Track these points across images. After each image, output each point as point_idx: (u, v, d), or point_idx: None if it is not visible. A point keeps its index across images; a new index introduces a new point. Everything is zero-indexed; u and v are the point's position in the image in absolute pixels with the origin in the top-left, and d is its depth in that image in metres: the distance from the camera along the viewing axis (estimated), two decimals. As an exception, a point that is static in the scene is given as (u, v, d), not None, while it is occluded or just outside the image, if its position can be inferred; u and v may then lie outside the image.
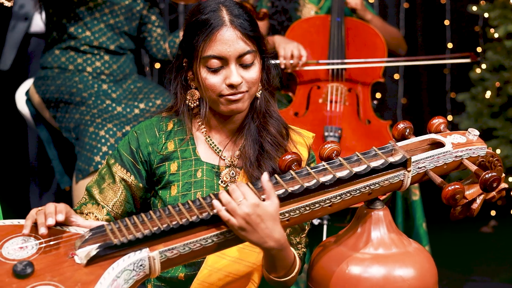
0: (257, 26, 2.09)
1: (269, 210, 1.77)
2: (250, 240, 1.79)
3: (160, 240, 1.75)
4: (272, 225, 1.78)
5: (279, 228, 1.80)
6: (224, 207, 1.77)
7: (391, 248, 1.97)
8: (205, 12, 2.04)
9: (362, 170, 1.88)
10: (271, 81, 2.17)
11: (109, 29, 3.59)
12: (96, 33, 3.56)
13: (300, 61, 3.51)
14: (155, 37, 3.70)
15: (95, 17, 3.56)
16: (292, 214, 1.84)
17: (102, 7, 3.56)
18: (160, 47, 3.69)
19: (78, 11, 3.54)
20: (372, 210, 2.00)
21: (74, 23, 3.54)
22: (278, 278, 1.96)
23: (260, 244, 1.81)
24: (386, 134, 3.42)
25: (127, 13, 3.61)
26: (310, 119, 3.47)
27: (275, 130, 2.13)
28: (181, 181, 2.11)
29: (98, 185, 2.14)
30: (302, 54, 3.51)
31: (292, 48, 3.51)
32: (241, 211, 1.75)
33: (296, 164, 1.93)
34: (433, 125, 2.06)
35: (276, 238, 1.80)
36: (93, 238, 1.74)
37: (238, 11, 2.05)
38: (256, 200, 1.77)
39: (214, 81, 2.03)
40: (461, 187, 1.85)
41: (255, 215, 1.76)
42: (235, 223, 1.76)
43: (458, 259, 4.19)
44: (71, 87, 3.47)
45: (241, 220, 1.76)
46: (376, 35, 3.72)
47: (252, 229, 1.77)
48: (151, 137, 2.14)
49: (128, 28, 3.63)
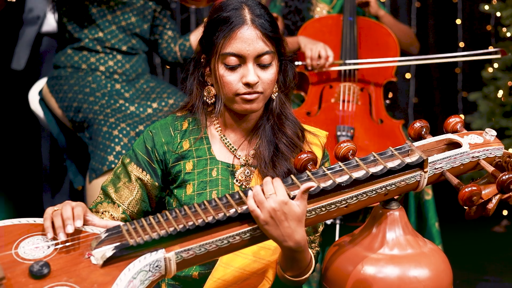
0: (278, 28, 2.10)
1: (296, 211, 1.77)
2: (271, 235, 1.80)
3: (176, 241, 1.74)
4: (295, 225, 1.78)
5: (301, 230, 1.80)
6: (253, 197, 1.78)
7: (406, 249, 1.96)
8: (227, 9, 2.06)
9: (379, 171, 1.87)
10: (288, 83, 2.17)
11: (120, 30, 3.59)
12: (108, 34, 3.56)
13: (327, 62, 3.52)
14: (166, 39, 3.69)
15: (107, 19, 3.56)
16: (308, 215, 1.83)
17: (114, 9, 3.57)
18: (171, 49, 3.69)
19: (91, 13, 3.54)
20: (388, 211, 1.99)
21: (86, 25, 3.55)
22: (292, 277, 1.96)
23: (280, 242, 1.81)
24: (399, 134, 3.42)
25: (138, 15, 3.62)
26: (322, 118, 3.47)
27: (291, 132, 2.14)
28: (196, 180, 2.12)
29: (114, 184, 2.15)
30: (329, 54, 3.52)
31: (320, 49, 3.52)
32: (268, 205, 1.76)
33: (312, 163, 1.92)
34: (449, 124, 2.05)
35: (296, 240, 1.80)
36: (109, 239, 1.74)
37: (260, 11, 2.07)
38: (286, 197, 1.77)
39: (231, 78, 2.04)
40: (478, 189, 1.84)
41: (281, 212, 1.76)
42: (259, 215, 1.77)
43: (470, 258, 4.18)
44: (84, 87, 3.47)
45: (266, 214, 1.76)
46: (388, 34, 3.71)
47: (275, 225, 1.77)
48: (167, 136, 2.15)
49: (140, 30, 3.63)
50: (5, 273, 1.65)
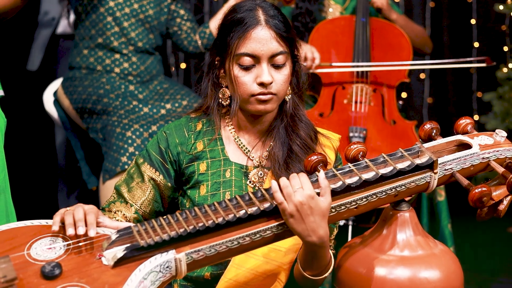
0: (292, 28, 2.11)
1: (321, 205, 1.79)
2: (295, 230, 1.81)
3: (187, 242, 1.76)
4: (319, 220, 1.80)
5: (325, 225, 1.82)
6: (280, 190, 1.80)
7: (416, 250, 1.96)
8: (241, 11, 2.08)
9: (388, 172, 1.88)
10: (301, 85, 2.18)
11: (139, 24, 3.61)
12: (125, 29, 3.59)
13: (314, 63, 3.52)
14: (185, 30, 3.72)
15: (125, 12, 3.59)
16: (317, 216, 1.84)
17: (131, 2, 3.60)
18: (191, 39, 3.71)
19: (108, 7, 3.56)
20: (398, 212, 1.99)
21: (102, 19, 3.57)
22: (311, 276, 1.97)
23: (303, 237, 1.82)
24: (412, 135, 3.41)
25: (156, 7, 3.65)
26: (335, 119, 3.47)
27: (305, 134, 2.15)
28: (210, 181, 2.13)
29: (127, 184, 2.17)
30: (315, 56, 3.53)
31: (306, 51, 3.53)
32: (295, 198, 1.78)
33: (322, 165, 1.92)
34: (460, 126, 2.05)
35: (320, 235, 1.82)
36: (120, 240, 1.76)
37: (273, 12, 2.08)
38: (313, 192, 1.79)
39: (246, 79, 2.05)
40: (488, 190, 1.84)
41: (307, 205, 1.78)
42: (286, 208, 1.78)
43: (484, 260, 4.16)
44: (98, 88, 3.50)
45: (293, 207, 1.78)
46: (401, 35, 3.71)
47: (300, 219, 1.79)
48: (180, 137, 2.16)
49: (158, 22, 3.66)
50: (17, 274, 1.67)
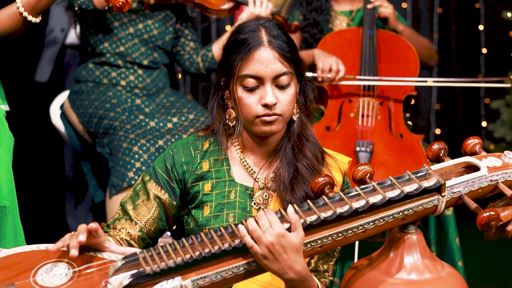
0: (296, 49, 2.10)
1: (293, 242, 1.76)
2: (271, 269, 1.79)
3: (193, 268, 1.75)
4: (294, 256, 1.78)
5: (300, 260, 1.79)
6: (249, 233, 1.77)
7: (424, 274, 1.95)
8: (244, 32, 2.06)
9: (396, 196, 1.86)
10: (308, 104, 2.16)
11: (143, 43, 3.61)
12: (129, 48, 3.58)
13: (338, 76, 3.51)
14: (188, 51, 3.71)
15: (129, 32, 3.58)
16: (325, 240, 1.83)
17: (135, 21, 3.59)
18: (193, 60, 3.70)
19: (112, 27, 3.56)
20: (405, 234, 1.98)
21: (108, 38, 3.57)
22: None
23: (281, 275, 1.80)
24: (419, 148, 3.40)
25: (160, 27, 3.63)
26: (341, 133, 3.47)
27: (311, 154, 2.13)
28: (214, 202, 2.12)
29: (133, 201, 2.16)
30: (340, 68, 3.52)
31: (331, 62, 3.52)
32: (265, 240, 1.75)
33: (329, 187, 1.92)
34: (468, 146, 2.03)
35: (297, 270, 1.79)
36: (126, 266, 1.75)
37: (277, 32, 2.07)
38: (282, 230, 1.76)
39: (250, 100, 2.04)
40: (496, 214, 1.83)
41: (279, 245, 1.75)
42: (258, 251, 1.76)
43: (493, 273, 4.13)
44: (104, 102, 3.49)
45: (264, 249, 1.75)
46: (408, 48, 3.70)
47: (274, 259, 1.77)
48: (187, 156, 2.15)
49: (162, 42, 3.65)
50: (23, 302, 1.67)
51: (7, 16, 2.49)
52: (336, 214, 1.82)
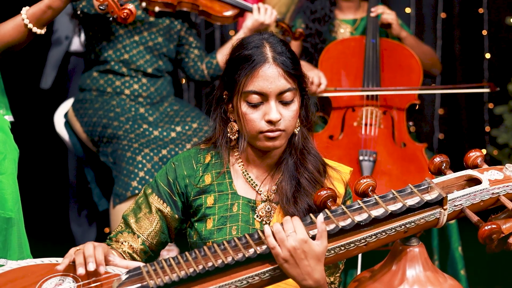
0: (299, 64, 2.10)
1: (315, 249, 1.79)
2: (290, 274, 1.81)
3: (196, 282, 1.76)
4: (314, 264, 1.80)
5: (321, 269, 1.82)
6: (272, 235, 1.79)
7: (426, 286, 1.95)
8: (249, 47, 2.06)
9: (398, 209, 1.87)
10: (310, 118, 2.17)
11: (148, 51, 3.62)
12: (134, 56, 3.59)
13: (319, 88, 3.54)
14: (193, 58, 3.72)
15: (134, 40, 3.60)
16: (327, 254, 1.84)
17: (140, 29, 3.60)
18: (198, 68, 3.71)
19: (118, 34, 3.57)
20: (407, 247, 1.98)
21: (112, 46, 3.58)
22: None
23: (299, 281, 1.82)
24: (422, 157, 3.40)
25: (165, 35, 3.65)
26: (345, 142, 3.48)
27: (313, 167, 2.14)
28: (217, 215, 2.13)
29: (135, 214, 2.17)
30: (321, 82, 3.55)
31: (313, 76, 3.54)
32: (288, 243, 1.78)
33: (331, 200, 1.93)
34: (470, 158, 2.04)
35: (316, 278, 1.82)
36: (130, 280, 1.77)
37: (281, 48, 2.07)
38: (305, 236, 1.79)
39: (254, 116, 2.05)
40: (498, 227, 1.84)
41: (301, 250, 1.78)
42: (279, 253, 1.78)
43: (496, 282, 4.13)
44: (108, 111, 3.51)
45: (286, 252, 1.78)
46: (411, 56, 3.71)
47: (294, 263, 1.79)
48: (189, 169, 2.16)
49: (167, 49, 3.66)
50: (28, 316, 1.69)
51: (12, 28, 2.51)
52: (339, 228, 1.83)
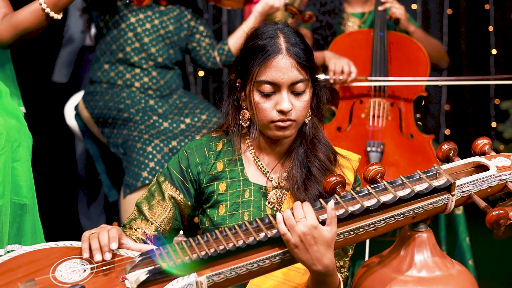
0: (313, 56, 2.13)
1: (325, 235, 1.82)
2: (300, 259, 1.84)
3: (208, 264, 1.79)
4: (324, 250, 1.82)
5: (330, 255, 1.84)
6: (283, 221, 1.82)
7: (434, 271, 1.98)
8: (263, 37, 2.09)
9: (406, 195, 1.90)
10: (321, 108, 2.20)
11: (159, 39, 3.65)
12: (145, 44, 3.63)
13: (350, 77, 3.55)
14: (204, 46, 3.75)
15: (146, 28, 3.63)
16: (336, 238, 1.86)
17: (152, 18, 3.64)
18: (210, 55, 3.74)
19: (129, 23, 3.60)
20: (416, 233, 2.01)
21: (123, 35, 3.61)
22: None
23: (309, 266, 1.85)
24: (429, 149, 3.42)
25: (176, 23, 3.68)
26: (352, 134, 3.50)
27: (323, 155, 2.17)
28: (229, 201, 2.16)
29: (148, 202, 2.20)
30: (352, 70, 3.56)
31: (343, 64, 3.55)
32: (298, 229, 1.80)
33: (341, 186, 1.95)
34: (477, 146, 2.06)
35: (325, 264, 1.84)
36: (143, 263, 1.80)
37: (295, 39, 2.09)
38: (315, 222, 1.81)
39: (266, 106, 2.08)
40: (505, 212, 1.86)
41: (311, 236, 1.80)
42: (290, 239, 1.81)
43: (503, 272, 4.14)
44: (119, 103, 3.54)
45: (296, 237, 1.81)
46: (419, 49, 3.73)
47: (304, 249, 1.81)
48: (201, 157, 2.19)
49: (178, 38, 3.70)
50: (43, 297, 1.72)
51: (29, 14, 2.55)
52: (348, 212, 1.86)
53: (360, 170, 2.18)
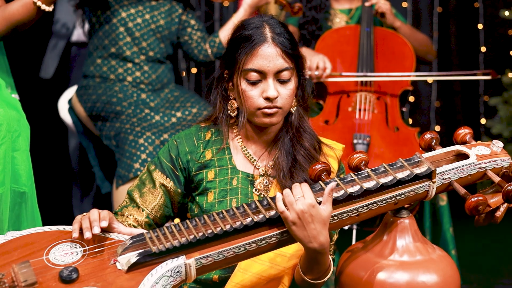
0: (297, 46, 2.20)
1: (322, 214, 1.89)
2: (297, 236, 1.90)
3: (196, 248, 1.86)
4: (320, 228, 1.90)
5: (326, 233, 1.91)
6: (282, 199, 1.90)
7: (415, 256, 2.05)
8: (249, 28, 2.16)
9: (389, 182, 1.96)
10: (306, 98, 2.27)
11: (150, 34, 3.70)
12: (136, 39, 3.68)
13: (325, 73, 3.61)
14: (196, 39, 3.80)
15: (137, 23, 3.68)
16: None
17: (143, 12, 3.69)
18: (201, 48, 3.79)
19: (120, 18, 3.66)
20: (398, 219, 2.08)
21: (115, 29, 3.66)
22: (311, 280, 2.05)
23: (305, 243, 1.92)
24: (414, 141, 3.48)
25: (167, 18, 3.74)
26: (339, 127, 3.55)
27: (309, 144, 2.23)
28: (218, 188, 2.22)
29: (139, 189, 2.26)
30: (327, 66, 3.62)
31: (318, 60, 3.62)
32: (297, 207, 1.88)
33: (326, 173, 2.01)
34: (459, 135, 2.12)
35: (321, 241, 1.91)
36: (133, 246, 1.86)
37: (280, 29, 2.17)
38: (314, 201, 1.89)
39: (253, 93, 2.14)
40: (484, 199, 1.91)
41: (308, 214, 1.88)
42: (288, 216, 1.88)
43: (486, 262, 4.21)
44: (111, 97, 3.59)
45: (295, 215, 1.88)
46: (404, 44, 3.78)
47: (302, 226, 1.89)
48: (190, 146, 2.25)
49: (169, 32, 3.75)
50: (37, 278, 1.77)
51: (20, 6, 2.60)
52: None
53: (344, 159, 2.24)
